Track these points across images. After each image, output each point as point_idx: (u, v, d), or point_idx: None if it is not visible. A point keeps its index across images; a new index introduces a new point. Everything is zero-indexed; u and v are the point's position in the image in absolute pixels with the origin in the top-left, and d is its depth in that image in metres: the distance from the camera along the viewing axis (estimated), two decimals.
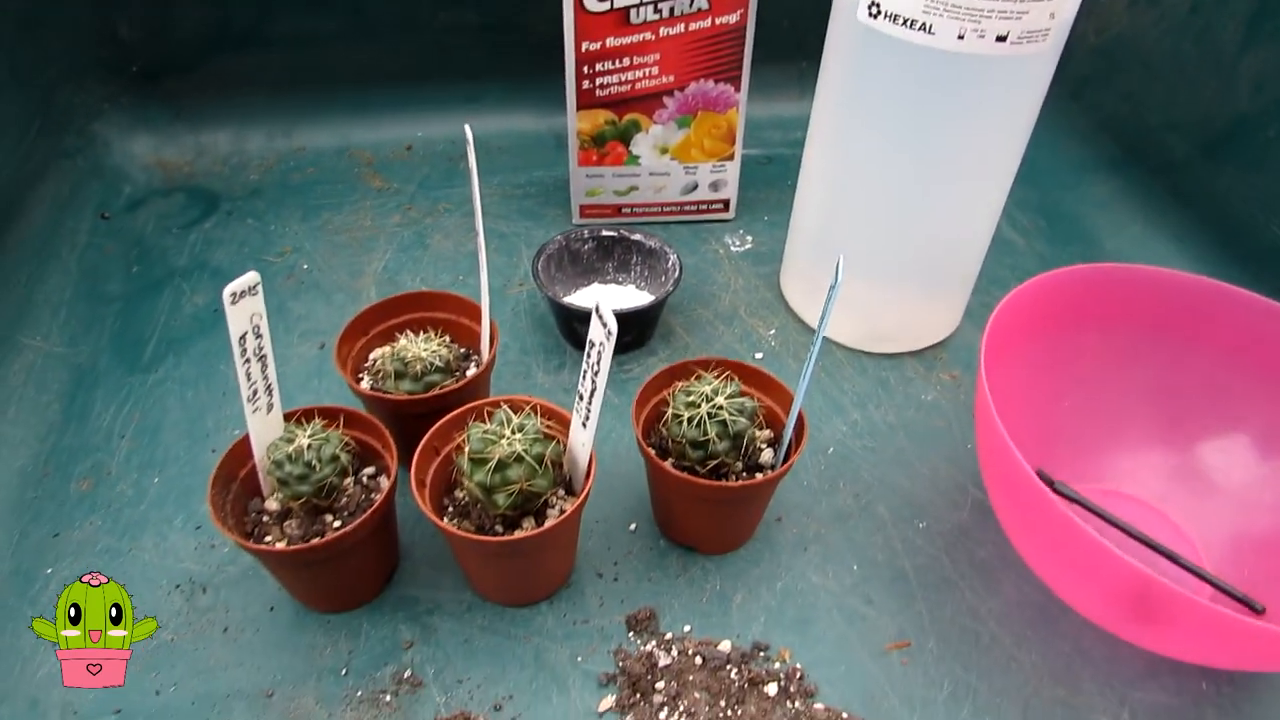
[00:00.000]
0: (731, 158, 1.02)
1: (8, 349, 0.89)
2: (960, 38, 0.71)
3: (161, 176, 1.13)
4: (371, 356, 0.78)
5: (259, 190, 1.12)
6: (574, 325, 0.88)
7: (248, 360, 0.62)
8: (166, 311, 0.95)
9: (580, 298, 0.93)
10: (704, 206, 1.07)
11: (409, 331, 0.76)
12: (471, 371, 0.76)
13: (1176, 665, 0.70)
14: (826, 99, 0.85)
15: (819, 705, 0.64)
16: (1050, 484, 0.74)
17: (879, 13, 0.74)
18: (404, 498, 0.76)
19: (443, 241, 1.04)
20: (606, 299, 0.85)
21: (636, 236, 0.93)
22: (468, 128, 0.69)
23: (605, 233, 0.93)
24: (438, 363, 0.74)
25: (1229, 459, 0.77)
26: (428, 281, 0.99)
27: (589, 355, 0.60)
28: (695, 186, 1.04)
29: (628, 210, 1.06)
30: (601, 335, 0.58)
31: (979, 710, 0.67)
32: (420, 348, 0.73)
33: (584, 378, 0.62)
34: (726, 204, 1.07)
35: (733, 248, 1.05)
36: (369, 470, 0.71)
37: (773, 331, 0.95)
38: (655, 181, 1.03)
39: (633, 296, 0.94)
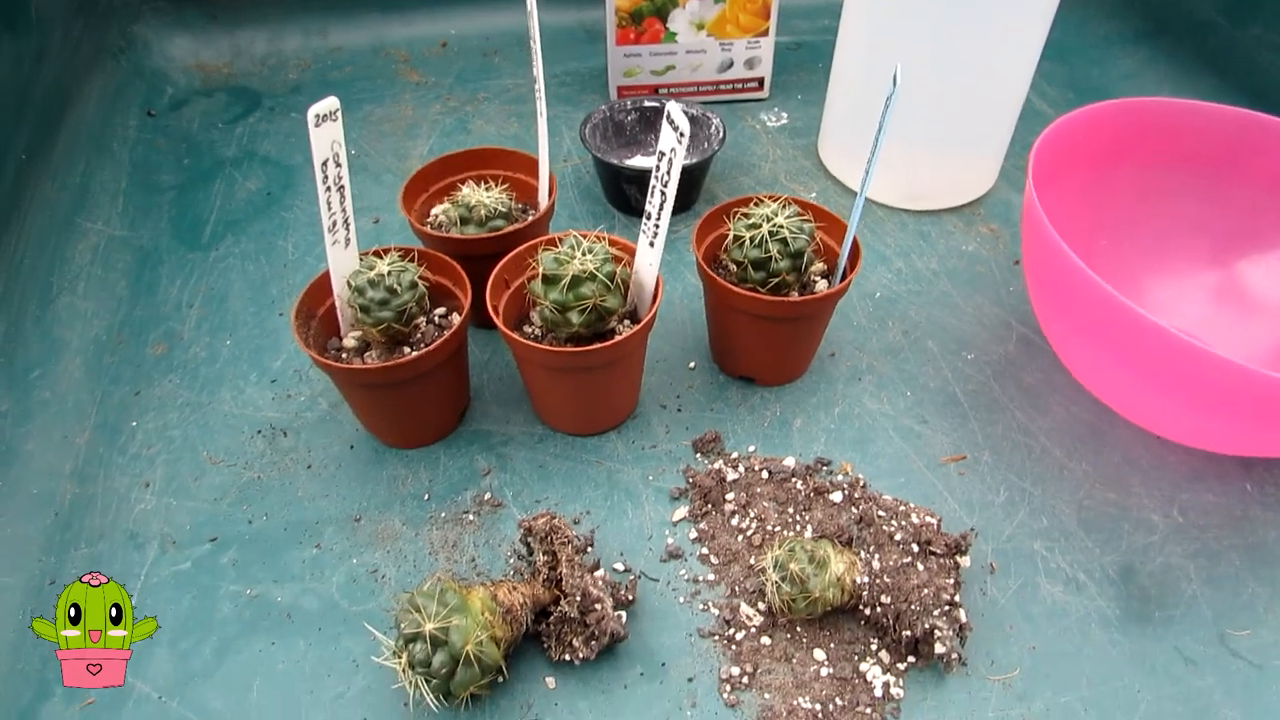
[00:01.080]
0: (766, 33, 1.04)
1: (71, 232, 0.92)
2: None
3: (201, 78, 1.15)
4: (433, 212, 0.81)
5: (299, 87, 1.14)
6: (622, 187, 0.91)
7: (329, 189, 0.65)
8: (221, 196, 0.98)
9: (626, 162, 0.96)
10: (739, 85, 1.09)
11: (470, 182, 0.79)
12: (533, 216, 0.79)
13: (1221, 469, 0.73)
14: None
15: (887, 496, 0.67)
16: None
17: None
18: (470, 347, 0.80)
19: (484, 126, 1.06)
20: (648, 164, 0.87)
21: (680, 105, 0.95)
22: None
23: (648, 103, 0.96)
24: (501, 209, 0.76)
25: (1270, 276, 0.80)
26: None
27: (658, 167, 0.63)
28: (731, 64, 1.06)
29: (665, 91, 1.08)
30: (673, 140, 0.61)
31: (1035, 512, 0.70)
32: (483, 195, 0.76)
33: (652, 193, 0.65)
34: (761, 82, 1.09)
35: (769, 123, 1.07)
36: (440, 310, 0.74)
37: (814, 194, 0.97)
38: (692, 60, 1.05)
39: None
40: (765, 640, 0.62)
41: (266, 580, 0.66)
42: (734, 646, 0.62)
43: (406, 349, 0.70)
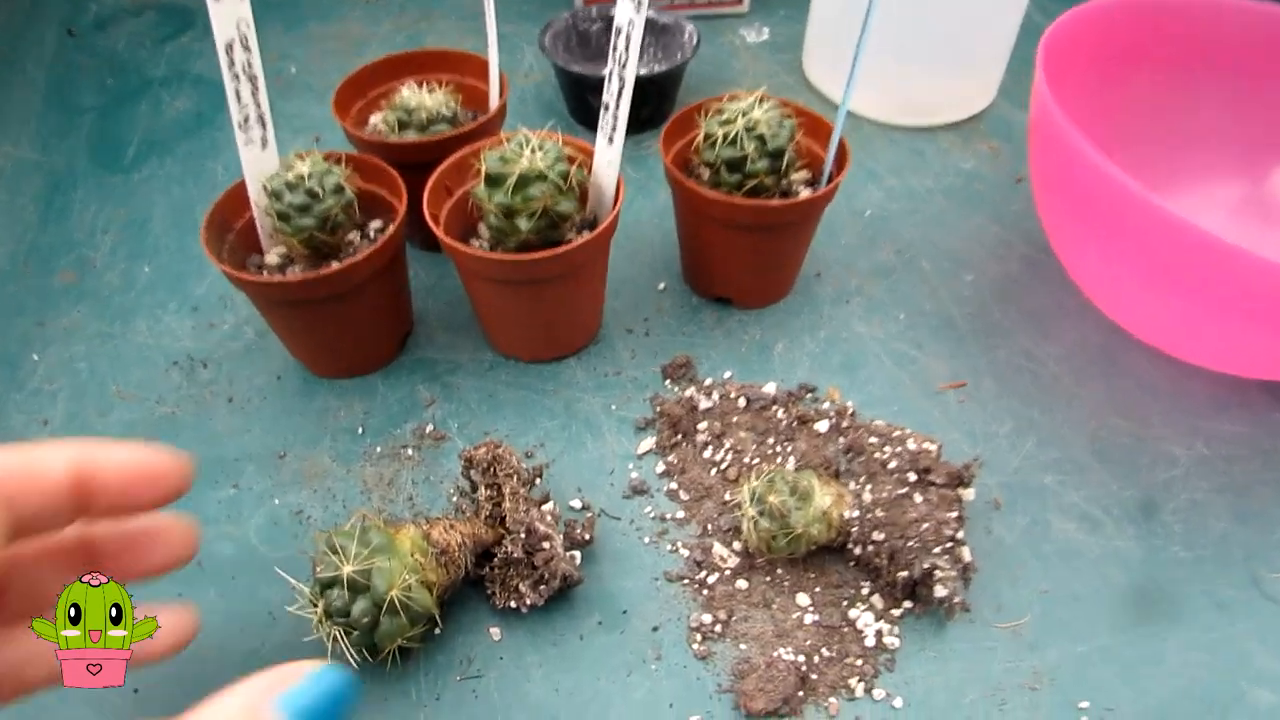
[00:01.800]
0: None
1: None
2: None
3: None
4: (371, 121, 0.72)
5: None
6: (586, 98, 0.82)
7: (236, 77, 0.56)
8: (146, 117, 0.88)
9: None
10: (717, 0, 1.00)
11: (411, 84, 0.70)
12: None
13: (1247, 398, 0.65)
14: None
15: (880, 422, 0.59)
16: None
17: None
18: (413, 271, 0.71)
19: (438, 42, 0.97)
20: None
21: (648, 14, 0.86)
22: None
23: (613, 12, 0.87)
24: (445, 113, 0.67)
25: None
26: None
27: (615, 46, 0.55)
28: None
29: None
30: (630, 11, 0.52)
31: (1044, 442, 0.62)
32: (425, 97, 0.67)
33: (609, 79, 0.56)
34: None
35: (750, 39, 0.98)
36: (376, 224, 0.65)
37: None
38: None
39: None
40: (741, 584, 0.54)
41: None
42: (706, 591, 0.54)
43: (335, 264, 0.61)
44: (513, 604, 0.52)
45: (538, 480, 0.58)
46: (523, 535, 0.51)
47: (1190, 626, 0.54)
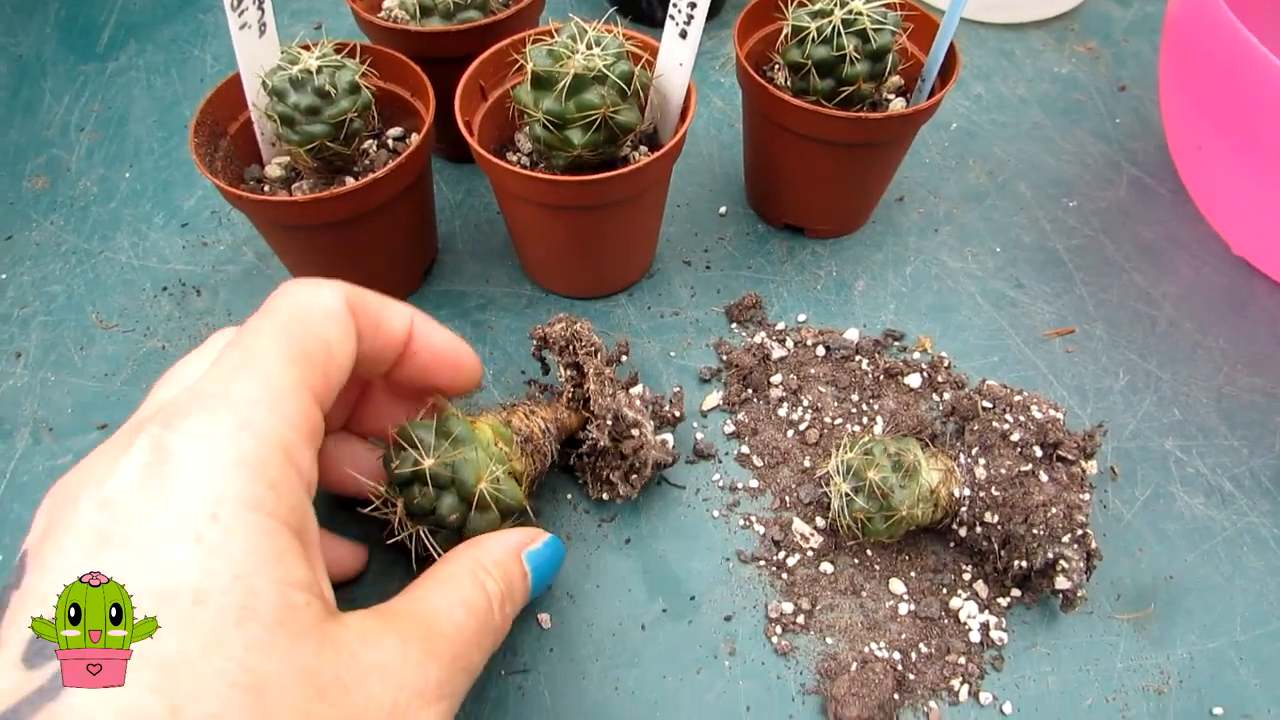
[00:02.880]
0: None
1: None
2: None
3: None
4: (386, 5, 0.60)
5: None
6: None
7: None
8: None
9: None
10: None
11: None
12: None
13: None
14: None
15: (993, 382, 0.50)
16: None
17: None
18: (438, 186, 0.61)
19: None
20: None
21: None
22: None
23: None
24: None
25: None
26: None
27: None
28: None
29: None
30: None
31: (1164, 401, 0.53)
32: None
33: None
34: None
35: None
36: (395, 131, 0.55)
37: None
38: None
39: None
40: (826, 567, 0.47)
41: None
42: (785, 575, 0.46)
43: (349, 179, 0.51)
44: (605, 495, 0.48)
45: (623, 358, 0.50)
46: (609, 422, 0.45)
47: None
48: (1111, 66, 0.72)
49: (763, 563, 0.47)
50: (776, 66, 0.54)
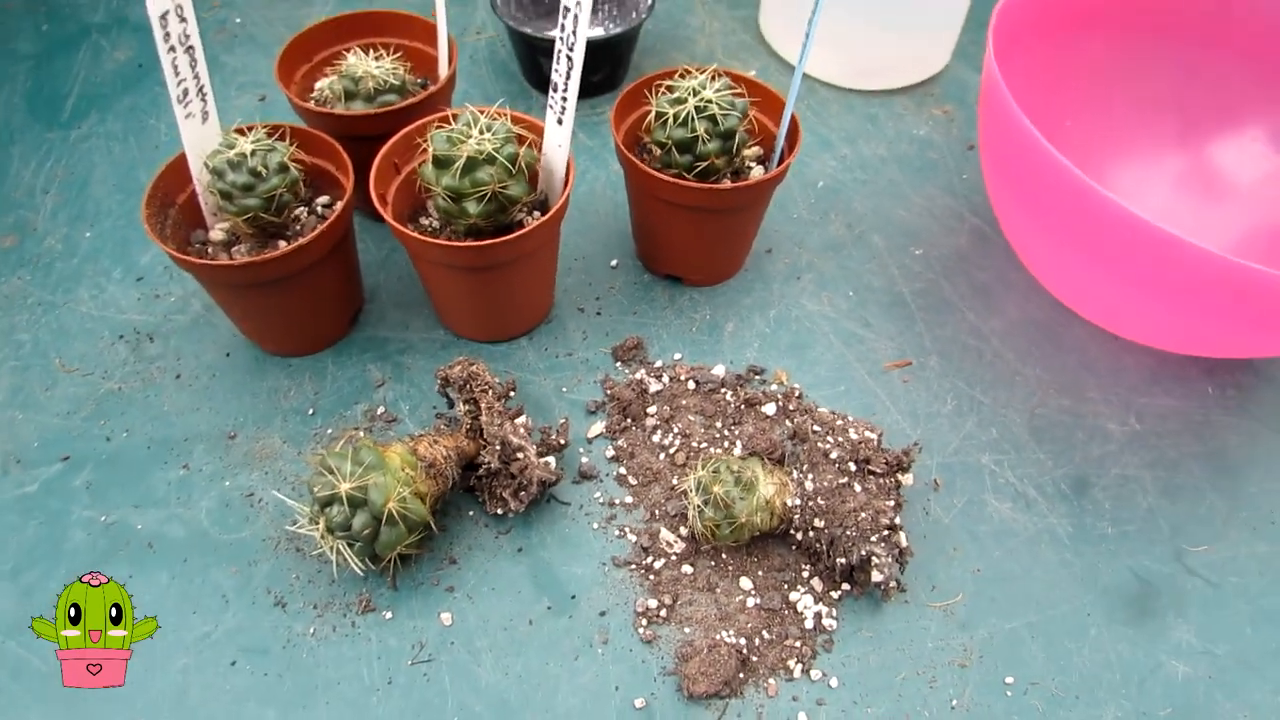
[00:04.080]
0: None
1: None
2: None
3: None
4: (317, 87, 0.68)
5: None
6: (538, 60, 0.78)
7: (173, 49, 0.52)
8: (85, 67, 0.83)
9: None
10: None
11: (358, 50, 0.66)
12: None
13: (1180, 371, 0.66)
14: None
15: (824, 409, 0.58)
16: None
17: None
18: (364, 243, 0.69)
19: None
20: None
21: None
22: None
23: None
24: (393, 81, 0.64)
25: (1240, 157, 0.72)
26: None
27: (563, 24, 0.52)
28: None
29: None
30: None
31: (984, 422, 0.62)
32: (372, 65, 0.64)
33: (557, 58, 0.53)
34: None
35: None
36: (323, 200, 0.62)
37: (754, 72, 0.85)
38: None
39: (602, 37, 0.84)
40: (686, 569, 0.55)
41: (125, 505, 0.57)
42: (652, 576, 0.54)
43: (282, 242, 0.59)
44: (499, 510, 0.55)
45: (511, 394, 0.58)
46: (498, 447, 0.53)
47: (1115, 601, 0.55)
48: (963, 128, 0.82)
49: (633, 566, 0.55)
50: (649, 141, 0.62)
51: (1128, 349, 0.66)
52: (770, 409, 0.61)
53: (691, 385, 0.62)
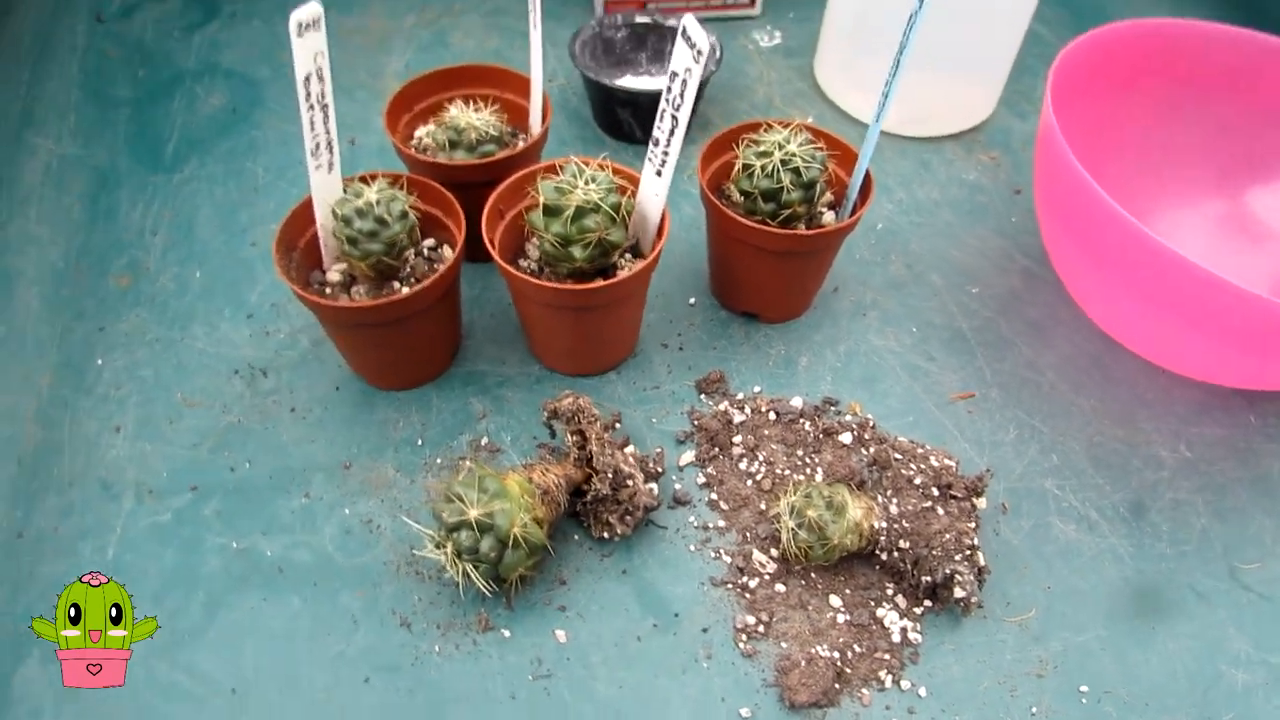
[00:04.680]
0: None
1: (19, 150, 0.82)
2: None
3: None
4: (417, 134, 0.72)
5: None
6: (615, 110, 0.83)
7: (311, 108, 0.56)
8: (182, 113, 0.88)
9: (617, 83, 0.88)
10: (730, 1, 1.00)
11: (459, 102, 0.71)
12: (520, 144, 0.72)
13: (1226, 402, 0.70)
14: None
15: (903, 438, 0.63)
16: None
17: None
18: (462, 281, 0.73)
19: (463, 40, 0.97)
20: (644, 84, 0.80)
21: (670, 22, 0.87)
22: None
23: (639, 19, 0.87)
24: (492, 132, 0.69)
25: (1273, 203, 0.76)
26: None
27: (670, 89, 0.56)
28: None
29: (653, 5, 0.99)
30: (688, 59, 0.53)
31: (1045, 450, 0.66)
32: (473, 117, 0.68)
33: (661, 116, 0.58)
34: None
35: (762, 43, 0.99)
36: (429, 242, 0.67)
37: (810, 118, 0.90)
38: None
39: None
40: (780, 588, 0.58)
41: (254, 532, 0.60)
42: (748, 595, 0.58)
43: (396, 284, 0.63)
44: (605, 535, 0.59)
45: (616, 425, 0.62)
46: (609, 475, 0.57)
47: (1175, 616, 0.59)
48: (1010, 173, 0.86)
49: (730, 585, 0.59)
50: (731, 189, 0.66)
51: (1176, 381, 0.70)
52: (846, 438, 0.65)
53: (772, 416, 0.66)
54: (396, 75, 0.92)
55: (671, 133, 0.58)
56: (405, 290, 0.61)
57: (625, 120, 0.83)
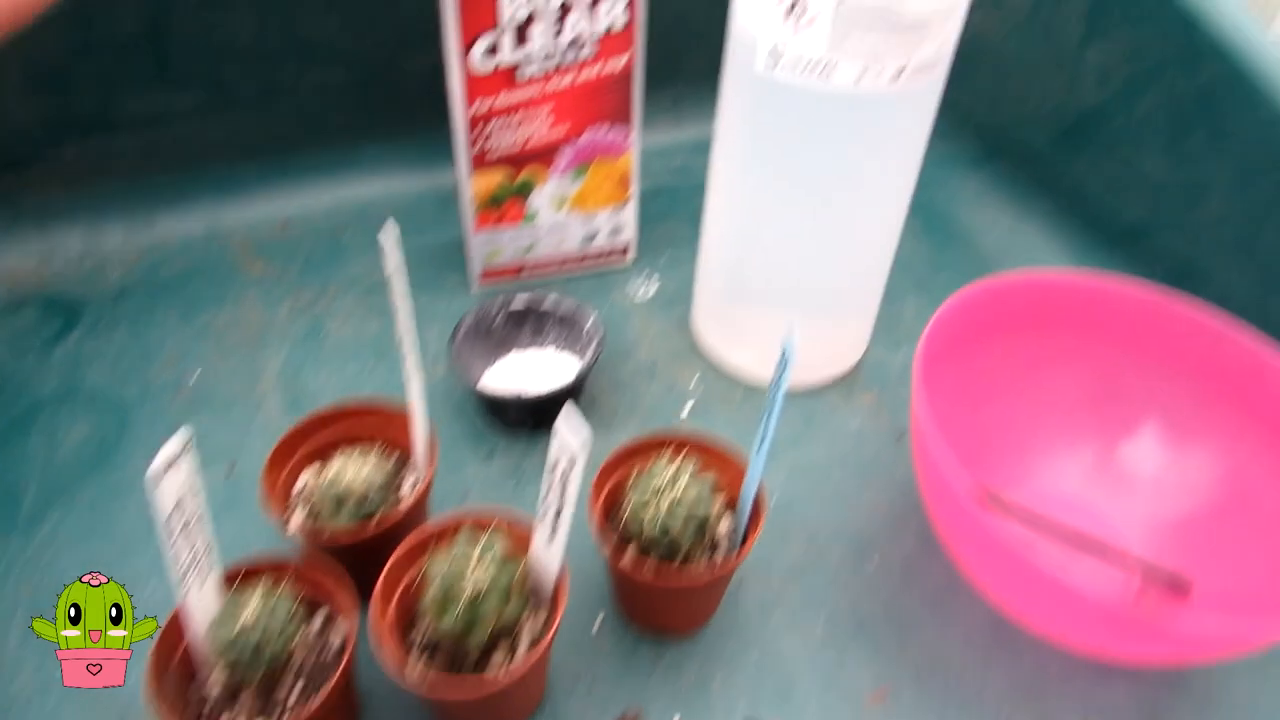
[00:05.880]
0: (628, 201, 0.97)
1: None
2: (857, 81, 0.68)
3: (5, 289, 0.98)
4: (300, 482, 0.69)
5: (125, 292, 0.98)
6: (503, 411, 0.82)
7: (176, 542, 0.53)
8: (41, 452, 0.82)
9: (498, 371, 0.86)
10: (604, 256, 1.01)
11: (344, 447, 0.69)
12: (407, 488, 0.69)
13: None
14: (725, 148, 0.82)
15: None
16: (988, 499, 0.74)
17: (778, 62, 0.70)
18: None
19: (341, 328, 0.94)
20: (527, 368, 0.80)
21: (547, 305, 0.87)
22: (386, 233, 0.60)
23: (515, 307, 0.87)
24: (378, 482, 0.66)
25: (1139, 452, 0.79)
26: (333, 377, 0.89)
27: (552, 471, 0.54)
28: (595, 235, 0.99)
29: (529, 269, 0.99)
30: (574, 447, 0.52)
31: None
32: (354, 471, 0.66)
33: (546, 492, 0.56)
34: (625, 250, 1.02)
35: (638, 297, 0.99)
36: (318, 619, 0.63)
37: (695, 379, 0.90)
38: (554, 237, 0.97)
39: (553, 360, 0.88)
40: None
41: None
42: None
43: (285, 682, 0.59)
44: None
45: None
46: None
47: None
48: (890, 415, 0.88)
49: None
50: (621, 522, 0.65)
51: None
52: None
53: None
54: (274, 378, 0.89)
55: (558, 514, 0.56)
56: (299, 686, 0.58)
57: (510, 419, 0.82)
